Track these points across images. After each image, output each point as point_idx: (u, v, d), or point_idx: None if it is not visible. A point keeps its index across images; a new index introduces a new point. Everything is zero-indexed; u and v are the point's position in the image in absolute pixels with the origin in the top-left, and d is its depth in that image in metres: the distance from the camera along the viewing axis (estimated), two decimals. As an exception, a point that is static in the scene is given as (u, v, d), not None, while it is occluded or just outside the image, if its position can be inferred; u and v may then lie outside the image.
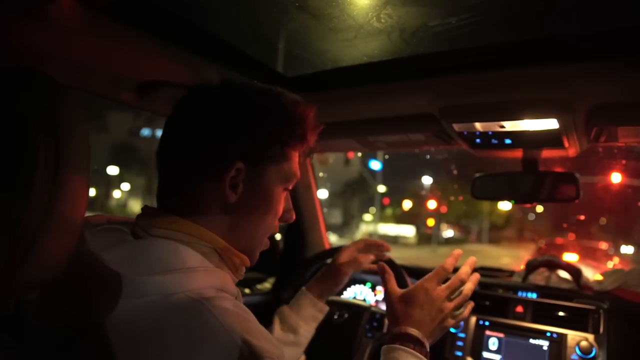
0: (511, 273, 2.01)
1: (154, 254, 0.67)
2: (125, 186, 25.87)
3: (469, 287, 1.00)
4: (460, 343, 1.59)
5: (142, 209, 0.80)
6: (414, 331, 0.92)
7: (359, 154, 25.88)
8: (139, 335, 0.58)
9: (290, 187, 0.86)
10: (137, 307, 0.60)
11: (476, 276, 1.02)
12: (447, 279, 1.01)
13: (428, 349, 0.92)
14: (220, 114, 0.77)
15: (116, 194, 25.57)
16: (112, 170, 23.75)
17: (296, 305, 1.26)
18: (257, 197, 0.79)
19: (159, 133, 0.88)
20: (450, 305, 0.97)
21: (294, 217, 0.91)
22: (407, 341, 0.90)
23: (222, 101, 0.79)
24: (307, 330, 1.23)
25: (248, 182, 0.77)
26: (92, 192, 20.66)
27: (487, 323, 1.59)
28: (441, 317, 0.96)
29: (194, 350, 0.57)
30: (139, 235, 0.73)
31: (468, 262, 1.03)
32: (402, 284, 1.22)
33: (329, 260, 2.01)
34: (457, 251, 1.04)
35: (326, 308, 1.28)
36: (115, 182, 24.98)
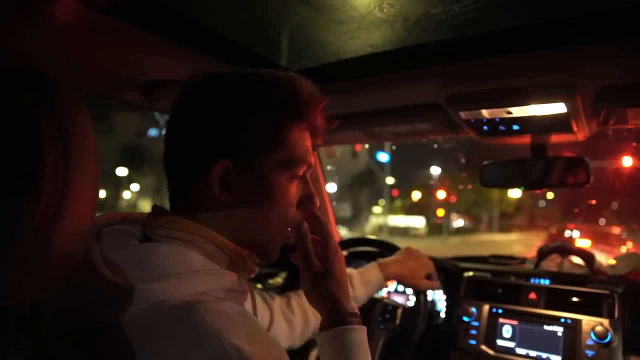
0: (523, 260, 2.00)
1: (153, 259, 0.66)
2: (135, 187, 26.05)
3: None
4: (474, 332, 1.59)
5: (152, 208, 0.80)
6: (354, 306, 0.85)
7: (366, 146, 25.87)
8: (134, 342, 0.59)
9: (301, 173, 0.80)
10: (133, 315, 0.60)
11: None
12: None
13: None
14: (201, 112, 0.74)
15: (126, 194, 25.75)
16: (121, 171, 23.93)
17: (364, 273, 1.34)
18: (255, 191, 0.75)
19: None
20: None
21: (317, 203, 0.84)
22: (354, 318, 0.83)
23: (204, 98, 0.76)
24: (361, 294, 1.31)
25: (241, 178, 0.73)
26: (102, 193, 20.83)
27: (500, 311, 1.58)
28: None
29: (184, 355, 0.57)
30: (147, 235, 0.74)
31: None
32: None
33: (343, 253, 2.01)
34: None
35: (384, 286, 1.40)
36: (125, 183, 25.17)
